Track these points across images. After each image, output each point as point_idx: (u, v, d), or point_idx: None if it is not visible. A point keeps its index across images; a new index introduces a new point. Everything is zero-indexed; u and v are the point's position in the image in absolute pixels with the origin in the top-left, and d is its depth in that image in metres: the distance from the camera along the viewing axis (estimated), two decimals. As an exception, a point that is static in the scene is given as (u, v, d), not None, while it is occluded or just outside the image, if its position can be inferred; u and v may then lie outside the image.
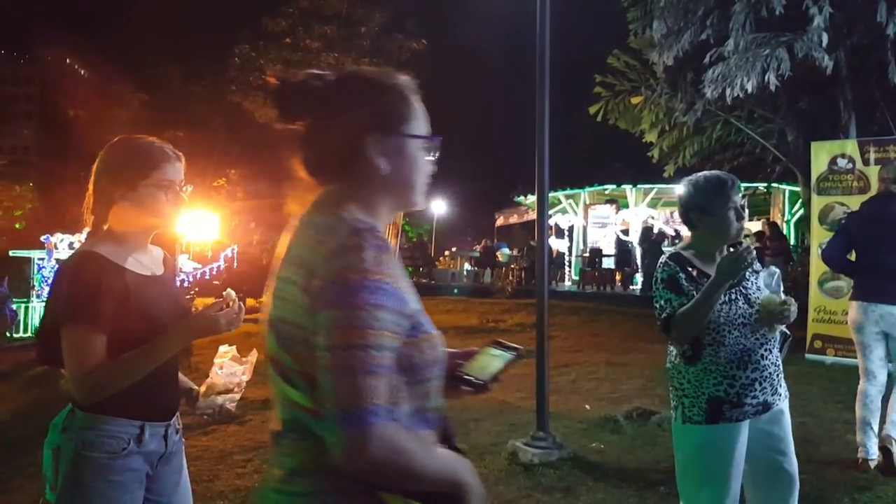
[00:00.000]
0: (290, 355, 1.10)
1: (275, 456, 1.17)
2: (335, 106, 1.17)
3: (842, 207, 7.43)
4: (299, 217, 1.20)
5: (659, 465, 4.03)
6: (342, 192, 1.17)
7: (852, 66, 7.63)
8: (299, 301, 1.07)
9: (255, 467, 4.09)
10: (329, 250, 1.05)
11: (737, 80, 7.05)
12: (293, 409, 1.11)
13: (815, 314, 7.48)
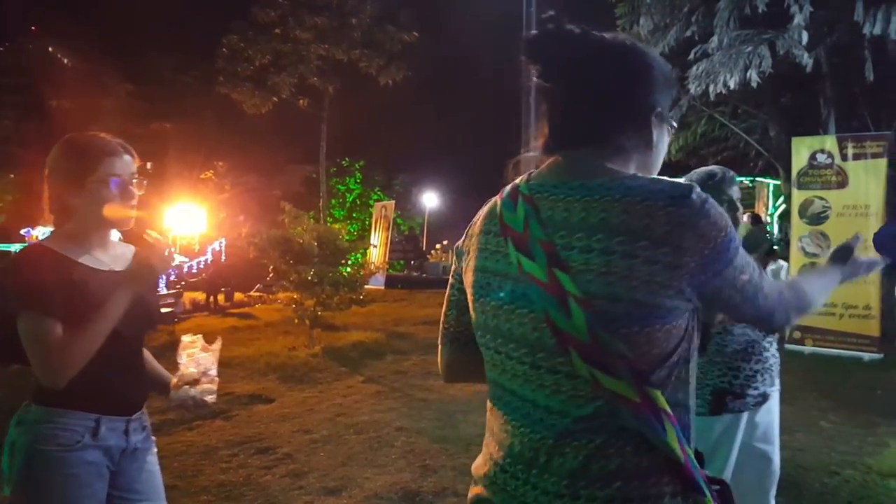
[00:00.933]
0: (618, 338, 0.97)
1: (549, 458, 1.02)
2: (617, 69, 1.10)
3: (821, 201, 7.63)
4: (555, 181, 1.08)
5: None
6: (607, 157, 1.08)
7: (832, 63, 7.78)
8: (652, 278, 0.96)
9: (239, 462, 4.16)
10: (683, 218, 0.97)
11: (720, 77, 7.19)
12: (605, 400, 0.98)
13: (795, 306, 7.68)
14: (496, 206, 1.15)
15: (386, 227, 11.89)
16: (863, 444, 4.30)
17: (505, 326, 1.08)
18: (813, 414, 5.05)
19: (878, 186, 7.32)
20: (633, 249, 0.96)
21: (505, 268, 1.08)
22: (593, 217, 1.00)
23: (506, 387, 1.11)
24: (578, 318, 0.97)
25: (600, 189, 1.02)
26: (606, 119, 1.09)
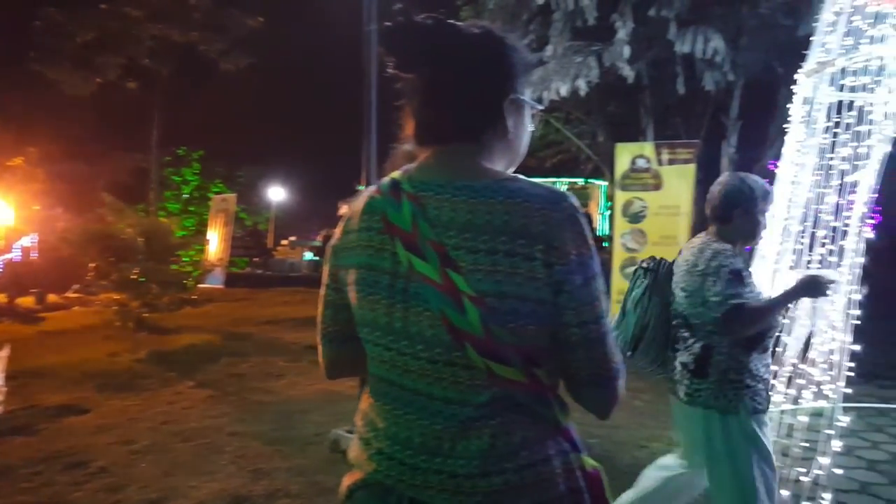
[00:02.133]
0: (508, 331, 1.04)
1: (454, 444, 1.08)
2: (474, 59, 1.12)
3: (640, 202, 8.37)
4: (440, 180, 1.10)
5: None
6: (477, 153, 1.13)
7: (651, 77, 8.57)
8: (525, 272, 1.04)
9: (44, 480, 3.76)
10: (556, 220, 1.05)
11: (553, 84, 7.65)
12: (499, 386, 1.06)
13: (617, 296, 8.35)
14: (375, 202, 1.14)
15: (225, 221, 11.23)
16: (668, 419, 4.70)
17: (398, 324, 1.09)
18: (627, 394, 5.49)
19: (688, 189, 8.17)
20: (514, 248, 1.04)
21: (393, 266, 1.09)
22: (479, 218, 1.05)
23: (397, 382, 1.13)
24: (473, 315, 1.03)
25: (485, 191, 1.07)
26: (470, 110, 1.12)
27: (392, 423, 1.14)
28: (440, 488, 1.07)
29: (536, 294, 1.05)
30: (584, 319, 1.09)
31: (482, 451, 1.07)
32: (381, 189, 1.17)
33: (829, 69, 4.02)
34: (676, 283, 2.59)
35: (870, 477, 3.84)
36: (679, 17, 7.36)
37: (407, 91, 1.16)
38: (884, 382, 5.87)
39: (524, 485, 1.08)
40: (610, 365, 1.13)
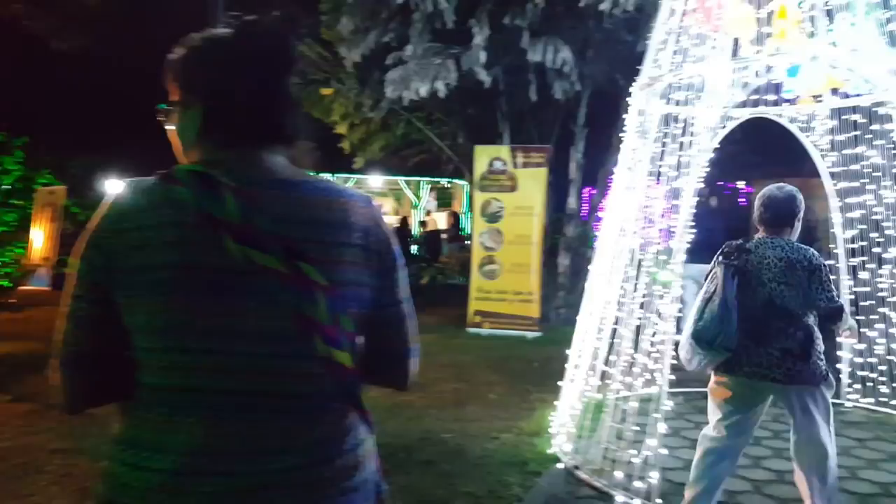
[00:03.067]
0: (349, 317, 1.10)
1: (292, 439, 1.07)
2: (274, 59, 1.16)
3: (497, 203, 8.70)
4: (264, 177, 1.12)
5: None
6: (284, 152, 1.18)
7: (507, 82, 8.91)
8: (362, 262, 1.14)
9: None
10: (375, 215, 1.18)
11: (413, 84, 7.72)
12: (337, 374, 1.10)
13: (476, 293, 8.64)
14: (178, 195, 1.06)
15: (53, 216, 10.15)
16: (519, 411, 5.00)
17: (225, 322, 1.04)
18: (483, 388, 5.71)
19: (540, 191, 8.61)
20: (351, 239, 1.12)
21: (220, 262, 1.03)
22: (317, 213, 1.11)
23: (213, 388, 1.05)
24: (323, 304, 1.06)
25: (310, 188, 1.13)
26: (274, 110, 1.15)
27: (205, 435, 1.04)
28: (271, 486, 1.04)
29: (369, 280, 1.15)
30: (399, 299, 1.24)
31: (322, 440, 1.10)
32: (179, 180, 1.08)
33: (659, 84, 4.41)
34: (773, 279, 2.99)
35: (692, 455, 4.21)
36: (532, 28, 7.72)
37: (205, 94, 1.15)
38: (706, 368, 6.52)
39: (346, 468, 1.12)
40: (412, 339, 1.28)
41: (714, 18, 4.11)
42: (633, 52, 7.00)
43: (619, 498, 3.52)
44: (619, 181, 4.65)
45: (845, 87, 4.67)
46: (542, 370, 6.03)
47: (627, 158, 4.60)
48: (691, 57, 4.15)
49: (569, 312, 8.02)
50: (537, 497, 3.62)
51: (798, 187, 3.24)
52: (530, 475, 3.86)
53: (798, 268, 2.94)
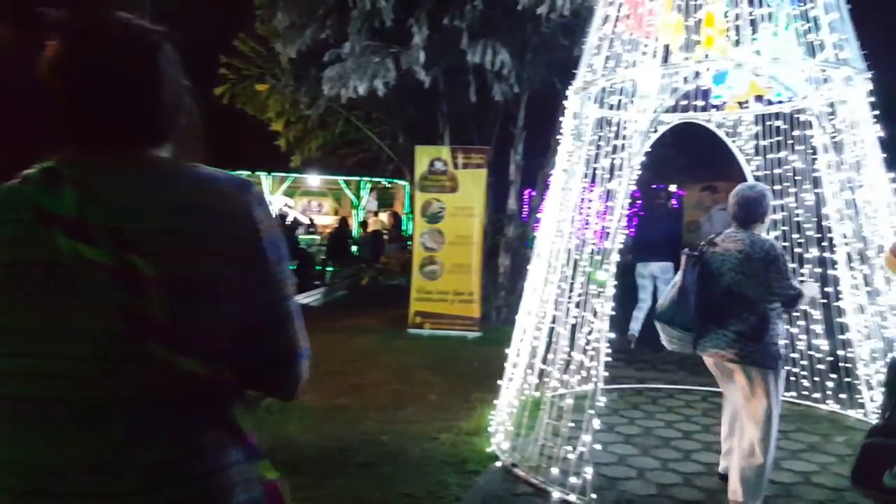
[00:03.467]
0: (200, 316, 0.99)
1: (127, 452, 0.96)
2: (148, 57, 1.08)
3: (438, 203, 8.71)
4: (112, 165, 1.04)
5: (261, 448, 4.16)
6: (154, 144, 1.11)
7: (447, 83, 8.93)
8: (225, 253, 1.02)
9: None
10: (249, 201, 1.06)
11: (351, 82, 7.64)
12: (182, 383, 0.97)
13: (417, 294, 8.62)
14: (24, 193, 1.01)
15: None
16: (459, 411, 5.01)
17: (52, 322, 0.96)
18: (424, 389, 5.70)
19: (480, 192, 8.67)
20: (207, 227, 1.02)
21: (51, 258, 0.96)
22: (165, 201, 1.02)
23: (28, 396, 0.97)
24: (158, 301, 0.95)
25: (167, 175, 1.06)
26: (128, 107, 1.08)
27: (42, 450, 0.96)
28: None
29: (235, 274, 1.03)
30: (277, 297, 1.10)
31: (154, 462, 0.96)
32: (29, 179, 1.03)
33: (594, 88, 4.51)
34: (731, 269, 3.31)
35: (626, 450, 4.36)
36: (471, 29, 7.76)
37: (58, 93, 1.07)
38: (640, 365, 6.71)
39: (193, 498, 0.99)
40: (299, 344, 1.14)
41: (645, 25, 4.23)
42: (569, 56, 7.14)
43: (555, 494, 3.57)
44: (556, 183, 4.73)
45: (768, 94, 4.90)
46: (483, 370, 6.05)
47: (564, 160, 4.69)
48: (624, 62, 4.26)
49: (509, 312, 8.10)
50: (476, 496, 3.64)
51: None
52: (469, 474, 3.87)
53: (755, 259, 3.26)
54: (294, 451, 4.17)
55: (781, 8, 4.07)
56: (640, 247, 7.62)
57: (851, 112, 4.05)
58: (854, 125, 4.02)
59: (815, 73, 4.06)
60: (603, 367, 3.87)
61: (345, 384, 5.83)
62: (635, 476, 3.92)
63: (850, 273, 4.04)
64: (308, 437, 4.46)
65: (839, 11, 3.84)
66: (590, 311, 4.69)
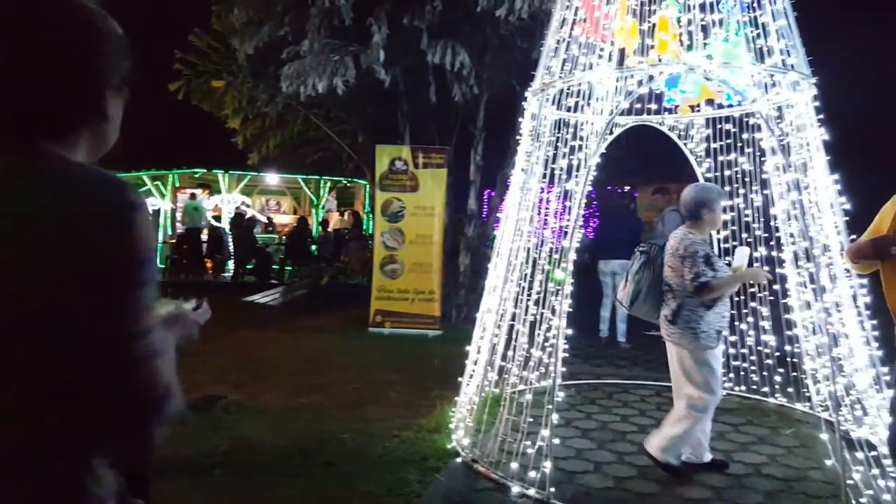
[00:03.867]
0: (23, 345, 0.82)
1: None
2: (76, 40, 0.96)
3: (398, 202, 8.71)
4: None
5: (219, 450, 4.12)
6: (69, 137, 0.98)
7: (407, 83, 8.93)
8: (76, 265, 0.84)
9: None
10: (113, 210, 0.88)
11: (310, 80, 7.57)
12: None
13: (377, 293, 8.60)
14: None
15: None
16: (419, 408, 5.03)
17: None
18: (385, 387, 5.69)
19: (441, 191, 8.70)
20: (55, 234, 0.86)
21: None
22: (24, 204, 0.87)
23: None
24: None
25: (28, 172, 0.91)
26: (52, 97, 0.96)
27: None
28: None
29: (78, 294, 0.85)
30: (137, 328, 0.88)
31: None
32: None
33: (551, 89, 4.58)
34: (665, 262, 3.81)
35: (583, 444, 4.44)
36: (431, 29, 7.78)
37: None
38: (597, 361, 6.84)
39: None
40: (160, 388, 0.89)
41: (601, 28, 4.33)
42: (527, 58, 7.23)
43: (514, 488, 3.62)
44: (516, 182, 4.79)
45: (719, 97, 5.05)
46: (443, 368, 6.09)
47: (522, 161, 4.75)
48: (580, 65, 4.34)
49: (469, 311, 8.16)
50: (436, 492, 3.66)
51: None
52: (430, 471, 3.89)
53: (677, 254, 3.73)
54: (253, 452, 4.13)
55: (732, 14, 4.21)
56: (601, 245, 7.81)
57: (798, 116, 4.21)
58: (800, 128, 4.18)
59: (763, 77, 4.21)
60: (561, 364, 3.94)
61: (304, 384, 5.79)
62: (592, 469, 4.00)
63: (796, 271, 4.20)
64: (267, 437, 4.41)
65: (786, 18, 3.99)
66: (548, 308, 4.78)
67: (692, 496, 3.62)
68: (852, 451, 3.56)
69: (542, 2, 7.02)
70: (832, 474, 3.67)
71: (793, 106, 4.27)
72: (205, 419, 4.63)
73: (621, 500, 3.61)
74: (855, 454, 3.57)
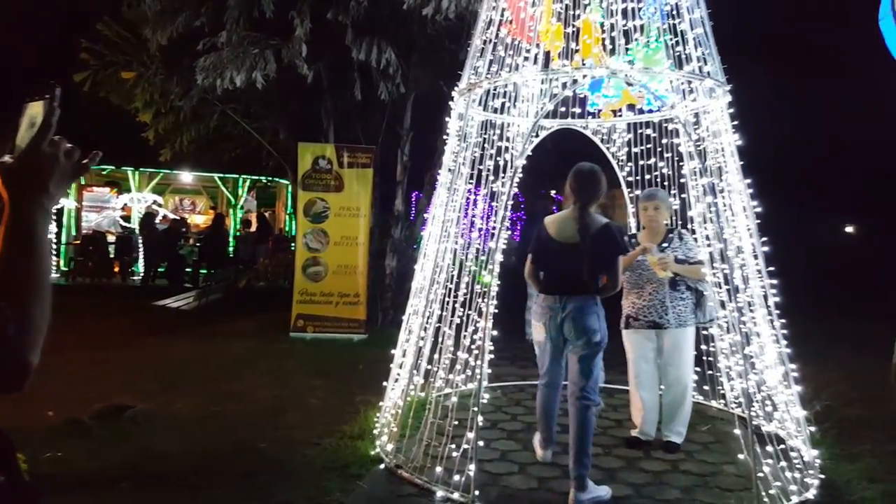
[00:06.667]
0: None
1: None
2: None
3: (322, 202, 8.48)
4: None
5: (126, 462, 3.84)
6: None
7: (331, 79, 8.73)
8: None
9: None
10: None
11: (227, 73, 7.26)
12: None
13: (299, 296, 8.34)
14: None
15: None
16: (342, 414, 4.87)
17: None
18: (306, 394, 5.50)
19: (366, 192, 8.54)
20: None
21: None
22: None
23: None
24: None
25: None
26: None
27: None
28: None
29: None
30: None
31: None
32: None
33: (478, 90, 4.55)
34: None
35: (508, 445, 4.43)
36: (356, 26, 7.63)
37: None
38: (523, 363, 6.86)
39: None
40: None
41: (527, 30, 4.33)
42: (455, 58, 7.21)
43: (438, 493, 3.55)
44: (443, 183, 4.73)
45: (640, 103, 5.18)
46: (368, 372, 5.95)
47: (449, 161, 4.70)
48: (506, 66, 4.33)
49: (396, 314, 8.04)
50: (359, 500, 3.54)
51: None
52: (352, 478, 3.76)
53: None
54: (163, 464, 3.87)
55: (652, 21, 4.31)
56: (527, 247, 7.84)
57: (713, 122, 4.36)
58: (716, 134, 4.33)
59: (681, 83, 4.33)
60: (487, 366, 3.91)
61: (220, 391, 5.51)
62: (517, 471, 3.98)
63: (712, 272, 4.34)
64: (179, 447, 4.16)
65: (703, 27, 4.12)
66: (475, 310, 4.74)
67: (614, 494, 3.66)
68: (763, 445, 3.70)
69: (468, 2, 7.01)
70: (744, 468, 3.81)
71: (709, 112, 4.42)
72: (110, 430, 4.31)
73: (545, 500, 3.61)
74: (766, 448, 3.71)
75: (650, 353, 4.36)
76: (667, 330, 4.26)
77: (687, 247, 4.35)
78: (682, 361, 4.31)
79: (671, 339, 4.29)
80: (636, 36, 4.29)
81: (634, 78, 4.01)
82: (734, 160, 4.22)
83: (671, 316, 4.25)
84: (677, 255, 4.29)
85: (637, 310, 4.31)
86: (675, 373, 4.31)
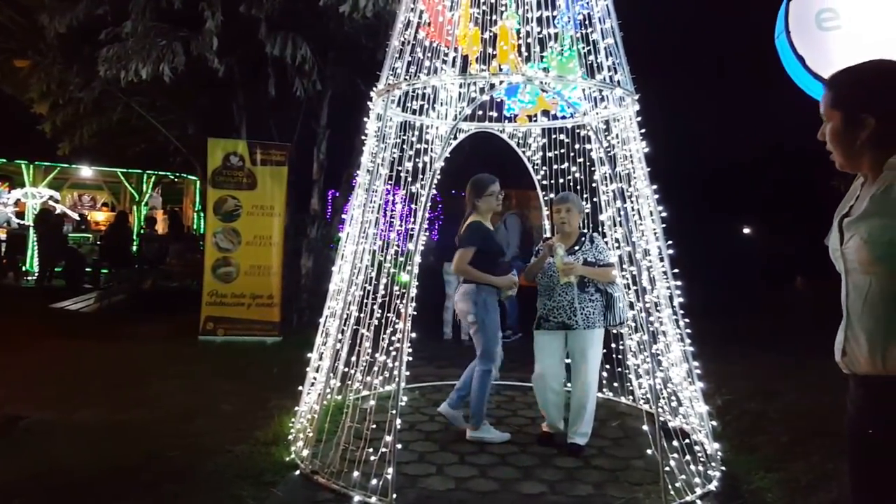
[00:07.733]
0: None
1: None
2: None
3: (234, 200, 8.19)
4: None
5: (20, 476, 3.57)
6: None
7: (244, 73, 8.45)
8: None
9: None
10: None
11: (133, 65, 6.88)
12: None
13: (209, 298, 8.02)
14: None
15: None
16: (255, 420, 4.73)
17: None
18: (217, 399, 5.30)
19: (281, 190, 8.32)
20: None
21: None
22: None
23: None
24: None
25: None
26: None
27: None
28: None
29: None
30: None
31: None
32: None
33: (396, 91, 4.54)
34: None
35: (426, 447, 4.44)
36: (270, 20, 7.42)
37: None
38: (441, 363, 6.90)
39: None
40: None
41: (445, 34, 4.36)
42: (373, 57, 7.15)
43: (356, 498, 3.51)
44: (361, 184, 4.69)
45: (554, 109, 5.33)
46: (282, 376, 5.81)
47: (368, 162, 4.66)
48: (425, 68, 4.34)
49: (312, 315, 7.87)
50: (274, 509, 3.45)
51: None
52: (266, 486, 3.66)
53: None
54: (65, 477, 3.63)
55: (566, 30, 4.45)
56: (446, 248, 7.87)
57: (623, 129, 4.55)
58: (625, 141, 4.52)
59: (593, 91, 4.49)
60: (405, 367, 3.90)
61: (125, 398, 5.23)
62: (435, 472, 4.00)
63: (621, 273, 4.53)
64: (82, 458, 3.91)
65: (614, 38, 4.29)
66: (394, 312, 4.73)
67: (528, 491, 3.75)
68: (669, 440, 3.89)
69: (386, 2, 6.97)
70: (652, 462, 3.99)
71: (619, 120, 4.60)
72: (3, 443, 4.00)
73: (462, 500, 3.64)
74: (672, 443, 3.91)
75: (558, 353, 4.47)
76: (575, 331, 4.38)
77: (598, 250, 4.47)
78: (587, 363, 4.36)
79: (578, 340, 4.39)
80: (551, 44, 4.41)
81: (549, 85, 4.12)
82: (642, 166, 4.42)
83: (579, 317, 4.35)
84: (587, 257, 4.42)
85: (548, 311, 4.44)
86: (579, 374, 4.40)
